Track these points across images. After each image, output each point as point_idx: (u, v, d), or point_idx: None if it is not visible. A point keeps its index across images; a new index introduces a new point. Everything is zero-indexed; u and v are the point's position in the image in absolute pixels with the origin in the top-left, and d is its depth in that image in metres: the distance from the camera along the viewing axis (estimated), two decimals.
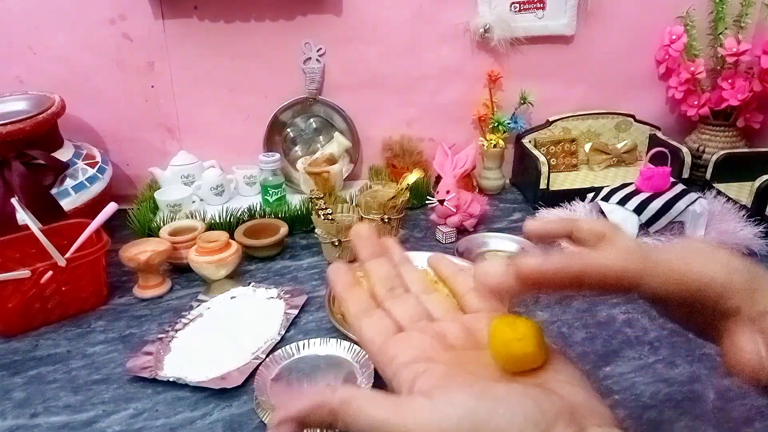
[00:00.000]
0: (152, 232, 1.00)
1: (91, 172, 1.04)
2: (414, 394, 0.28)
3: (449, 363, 0.30)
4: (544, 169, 1.12)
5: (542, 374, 0.29)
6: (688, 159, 1.15)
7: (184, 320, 0.81)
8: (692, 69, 1.21)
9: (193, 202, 1.12)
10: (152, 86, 1.16)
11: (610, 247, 0.31)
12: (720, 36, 1.20)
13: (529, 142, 1.23)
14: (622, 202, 0.96)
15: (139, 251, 0.88)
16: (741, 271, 0.29)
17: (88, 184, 1.02)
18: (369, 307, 0.35)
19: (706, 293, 0.28)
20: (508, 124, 1.22)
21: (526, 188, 1.22)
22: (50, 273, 0.80)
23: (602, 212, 0.99)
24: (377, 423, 0.27)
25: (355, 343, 0.73)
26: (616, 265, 0.28)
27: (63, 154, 1.03)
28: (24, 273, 0.78)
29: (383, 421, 0.27)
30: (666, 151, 0.99)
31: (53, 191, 0.98)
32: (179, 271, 0.95)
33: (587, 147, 1.27)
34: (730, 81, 1.20)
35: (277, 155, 1.12)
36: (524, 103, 1.22)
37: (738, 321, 0.29)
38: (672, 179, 0.98)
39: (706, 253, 0.29)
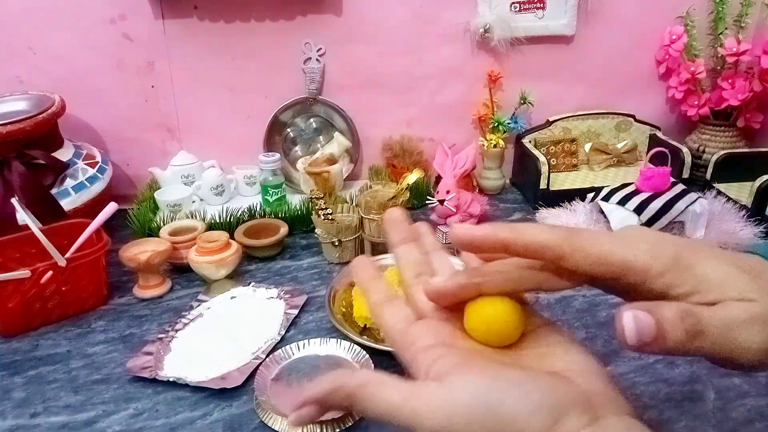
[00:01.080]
0: (152, 232, 1.01)
1: (91, 172, 1.04)
2: (428, 379, 0.28)
3: (467, 349, 0.30)
4: (544, 169, 1.12)
5: (559, 364, 0.29)
6: (688, 159, 1.15)
7: (184, 320, 0.81)
8: (692, 69, 1.20)
9: (193, 202, 1.12)
10: (152, 86, 1.16)
11: (542, 225, 0.32)
12: (720, 36, 1.20)
13: (529, 142, 1.23)
14: (622, 202, 0.96)
15: (139, 251, 0.88)
16: (666, 255, 0.29)
17: (88, 184, 1.02)
18: (391, 296, 0.35)
19: (629, 275, 0.29)
20: (508, 124, 1.22)
21: (526, 188, 1.22)
22: (50, 273, 0.80)
23: (602, 212, 0.99)
24: (391, 407, 0.27)
25: (356, 343, 0.73)
26: (539, 238, 0.29)
27: (63, 154, 1.03)
28: (24, 273, 0.78)
29: (397, 404, 0.27)
30: (666, 151, 0.99)
31: (53, 191, 0.98)
32: (179, 271, 0.95)
33: (587, 147, 1.27)
34: (730, 81, 1.20)
35: (277, 155, 1.12)
36: (524, 103, 1.22)
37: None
38: (672, 179, 0.98)
39: (634, 237, 0.30)
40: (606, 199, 0.99)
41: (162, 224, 1.01)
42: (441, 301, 0.32)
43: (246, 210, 1.08)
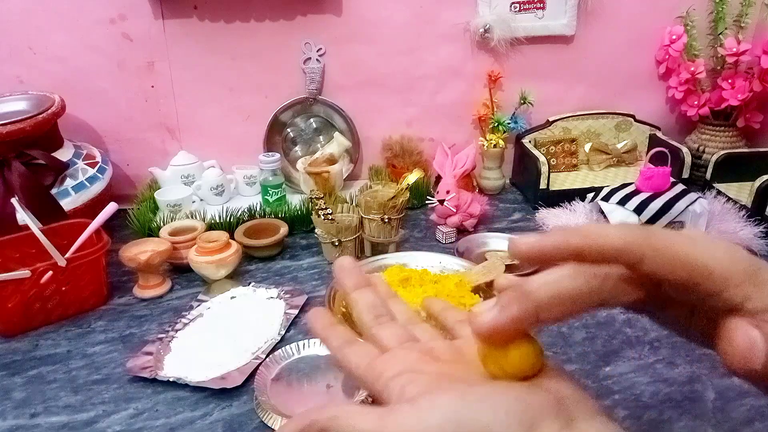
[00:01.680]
0: (152, 232, 1.01)
1: (91, 172, 1.04)
2: (399, 403, 0.28)
3: (436, 373, 0.30)
4: (544, 169, 1.12)
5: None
6: (688, 159, 1.15)
7: (184, 320, 0.81)
8: (692, 69, 1.21)
9: (193, 202, 1.12)
10: (152, 86, 1.16)
11: (611, 225, 0.29)
12: (720, 36, 1.20)
13: (529, 142, 1.23)
14: (622, 202, 0.96)
15: (139, 251, 0.88)
16: (745, 263, 0.27)
17: (88, 184, 1.02)
18: (351, 339, 0.35)
19: (709, 282, 0.26)
20: (508, 124, 1.22)
21: (526, 188, 1.22)
22: (50, 273, 0.80)
23: (602, 212, 0.99)
24: None
25: None
26: (616, 240, 0.27)
27: (63, 154, 1.03)
28: (24, 273, 0.78)
29: (370, 431, 0.27)
30: (666, 151, 0.99)
31: (53, 191, 0.98)
32: (179, 271, 0.95)
33: (587, 147, 1.27)
34: (730, 81, 1.20)
35: (277, 155, 1.12)
36: (524, 103, 1.22)
37: (739, 315, 0.27)
38: (672, 179, 0.98)
39: (710, 241, 0.28)
40: (606, 199, 0.99)
41: (162, 224, 1.01)
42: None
43: (246, 210, 1.08)
